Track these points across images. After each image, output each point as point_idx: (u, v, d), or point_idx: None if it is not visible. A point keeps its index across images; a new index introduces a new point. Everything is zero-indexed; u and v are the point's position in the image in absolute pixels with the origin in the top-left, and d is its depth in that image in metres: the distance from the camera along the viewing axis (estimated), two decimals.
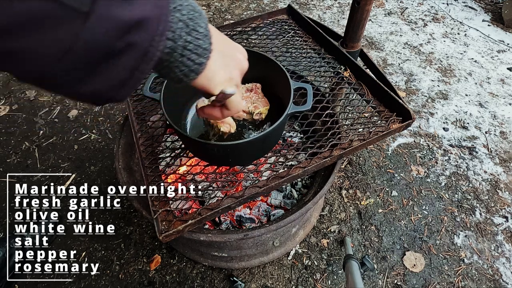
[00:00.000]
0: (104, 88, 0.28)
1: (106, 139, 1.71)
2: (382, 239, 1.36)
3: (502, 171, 1.62)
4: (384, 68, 2.19)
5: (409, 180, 1.57)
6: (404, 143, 1.74)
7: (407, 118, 0.80)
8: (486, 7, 2.81)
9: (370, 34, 2.48)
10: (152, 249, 1.31)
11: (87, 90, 0.27)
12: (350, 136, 0.78)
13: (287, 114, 0.66)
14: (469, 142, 1.75)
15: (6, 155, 1.63)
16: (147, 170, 0.75)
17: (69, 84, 0.26)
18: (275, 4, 2.76)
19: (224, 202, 0.67)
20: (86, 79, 0.26)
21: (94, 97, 0.29)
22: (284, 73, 0.71)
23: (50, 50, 0.23)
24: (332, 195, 1.50)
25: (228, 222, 1.13)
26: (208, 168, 0.77)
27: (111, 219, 1.39)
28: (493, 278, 1.27)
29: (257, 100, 0.81)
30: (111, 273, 1.24)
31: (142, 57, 0.28)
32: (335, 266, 1.27)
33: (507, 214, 1.45)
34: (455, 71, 2.18)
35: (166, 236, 0.62)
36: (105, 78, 0.27)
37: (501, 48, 2.38)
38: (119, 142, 1.04)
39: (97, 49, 0.25)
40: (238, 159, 0.72)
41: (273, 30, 1.14)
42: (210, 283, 1.22)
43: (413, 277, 1.26)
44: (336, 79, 0.95)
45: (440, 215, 1.45)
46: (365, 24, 0.99)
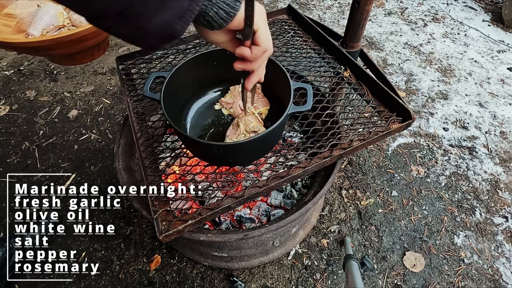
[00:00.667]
0: (170, 18, 0.35)
1: (106, 139, 1.71)
2: (382, 239, 1.36)
3: (502, 171, 1.62)
4: (384, 68, 2.19)
5: (409, 180, 1.57)
6: (404, 143, 1.74)
7: (407, 118, 0.80)
8: (486, 7, 2.81)
9: (370, 34, 2.48)
10: (152, 249, 1.31)
11: (157, 22, 0.34)
12: (350, 136, 0.78)
13: (287, 114, 0.66)
14: (469, 142, 1.75)
15: (6, 155, 1.63)
16: (147, 170, 0.75)
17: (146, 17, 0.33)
18: (275, 4, 2.76)
19: (224, 202, 0.67)
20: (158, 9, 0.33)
21: (161, 30, 0.36)
22: (284, 73, 0.71)
23: None
24: (332, 195, 1.50)
25: (228, 222, 1.13)
26: (208, 168, 0.77)
27: (111, 219, 1.39)
28: (493, 278, 1.27)
29: (257, 100, 0.81)
30: (111, 273, 1.24)
31: (190, 2, 0.35)
32: (335, 266, 1.27)
33: (507, 214, 1.45)
34: (455, 71, 2.18)
35: (166, 236, 0.62)
36: (171, 9, 0.34)
37: (501, 48, 2.38)
38: (119, 142, 1.04)
39: None
40: (238, 159, 0.72)
41: (273, 30, 1.14)
42: (210, 283, 1.22)
43: (413, 277, 1.26)
44: (336, 79, 0.95)
45: (440, 215, 1.45)
46: (365, 24, 0.99)
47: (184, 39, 1.09)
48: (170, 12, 0.35)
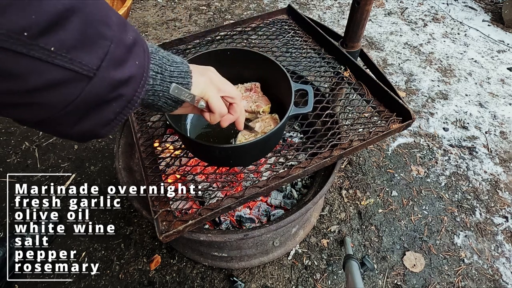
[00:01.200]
0: (92, 127, 0.36)
1: (106, 139, 1.71)
2: (382, 239, 1.36)
3: (502, 171, 1.62)
4: (384, 68, 2.19)
5: (409, 180, 1.57)
6: (404, 143, 1.74)
7: (407, 118, 0.80)
8: (486, 7, 2.81)
9: (370, 34, 2.48)
10: (152, 249, 1.31)
11: (77, 130, 0.35)
12: (350, 136, 0.78)
13: (288, 116, 0.66)
14: (469, 142, 1.75)
15: (6, 155, 1.63)
16: (147, 170, 0.75)
17: (65, 126, 0.34)
18: (275, 4, 2.76)
19: (224, 202, 0.67)
20: (79, 121, 0.34)
21: (81, 135, 0.36)
22: (285, 75, 0.71)
23: (61, 101, 0.31)
24: (332, 195, 1.50)
25: (228, 222, 1.13)
26: (208, 169, 0.77)
27: (111, 219, 1.39)
28: (493, 278, 1.27)
29: (257, 99, 0.81)
30: (111, 273, 1.24)
31: (127, 104, 0.36)
32: (335, 266, 1.27)
33: (507, 214, 1.45)
34: (455, 71, 2.18)
35: (166, 236, 0.62)
36: (94, 120, 0.35)
37: (501, 48, 2.38)
38: (119, 142, 1.04)
39: (95, 99, 0.33)
40: (238, 161, 0.72)
41: (273, 30, 1.14)
42: (210, 283, 1.22)
43: (413, 277, 1.26)
44: (336, 79, 0.95)
45: (440, 215, 1.45)
46: (365, 24, 0.99)
47: (184, 39, 1.09)
48: (92, 122, 0.35)
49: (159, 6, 2.73)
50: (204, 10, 2.70)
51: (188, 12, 2.66)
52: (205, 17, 2.62)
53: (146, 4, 2.74)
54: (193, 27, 2.51)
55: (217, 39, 1.12)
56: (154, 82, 0.41)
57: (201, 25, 2.52)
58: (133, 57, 0.36)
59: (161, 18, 2.59)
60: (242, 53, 0.78)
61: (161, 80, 0.42)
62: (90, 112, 0.34)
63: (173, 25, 2.52)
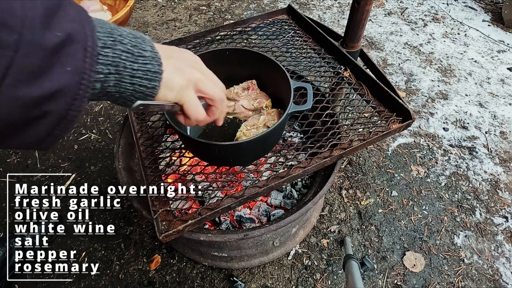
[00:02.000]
0: (24, 145, 0.31)
1: (106, 139, 1.71)
2: (382, 239, 1.36)
3: (502, 171, 1.62)
4: (384, 68, 2.19)
5: (409, 180, 1.57)
6: (404, 143, 1.74)
7: (407, 118, 0.80)
8: (486, 7, 2.81)
9: (370, 34, 2.48)
10: (152, 249, 1.31)
11: (14, 143, 0.30)
12: (350, 136, 0.78)
13: (288, 113, 0.66)
14: (469, 142, 1.75)
15: (6, 155, 1.63)
16: (147, 170, 0.75)
17: None
18: (275, 4, 2.76)
19: (224, 202, 0.67)
20: (10, 136, 0.29)
21: (23, 147, 0.32)
22: (284, 73, 0.71)
23: None
24: (332, 195, 1.50)
25: (228, 222, 1.13)
26: (208, 168, 0.77)
27: (111, 219, 1.39)
28: (493, 278, 1.27)
29: (257, 95, 0.81)
30: (111, 273, 1.24)
31: (59, 121, 0.30)
32: (335, 266, 1.27)
33: (507, 214, 1.45)
34: (455, 71, 2.18)
35: (166, 236, 0.62)
36: (23, 138, 0.30)
37: (501, 48, 2.38)
38: (119, 142, 1.04)
39: (8, 120, 0.28)
40: (238, 159, 0.72)
41: (273, 30, 1.14)
42: (210, 283, 1.22)
43: (413, 277, 1.26)
44: (336, 79, 0.95)
45: (440, 215, 1.45)
46: (365, 24, 0.99)
47: (184, 39, 1.09)
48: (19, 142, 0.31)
49: (159, 6, 2.73)
50: (204, 10, 2.70)
51: (188, 12, 2.66)
52: (205, 17, 2.62)
53: (146, 4, 2.74)
54: (193, 27, 2.51)
55: (217, 39, 1.12)
56: (106, 84, 0.34)
57: (201, 25, 2.52)
58: (60, 62, 0.28)
59: (161, 18, 2.59)
60: (242, 53, 0.78)
61: (117, 81, 0.35)
62: (12, 133, 0.29)
63: (173, 25, 2.52)
